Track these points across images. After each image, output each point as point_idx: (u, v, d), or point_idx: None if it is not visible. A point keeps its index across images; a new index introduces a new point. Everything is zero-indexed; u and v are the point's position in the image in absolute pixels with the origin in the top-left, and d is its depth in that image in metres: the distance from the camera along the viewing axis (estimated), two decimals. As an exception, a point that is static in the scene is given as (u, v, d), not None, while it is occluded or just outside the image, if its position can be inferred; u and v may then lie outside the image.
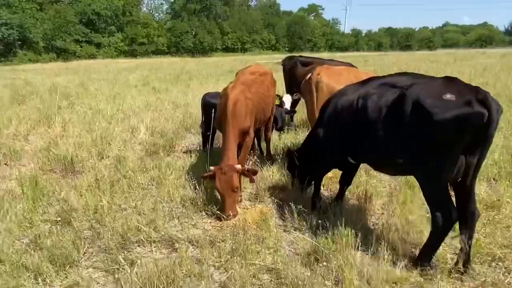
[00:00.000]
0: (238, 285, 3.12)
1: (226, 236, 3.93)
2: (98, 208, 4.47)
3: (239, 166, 4.54)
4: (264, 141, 6.57)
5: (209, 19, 64.42)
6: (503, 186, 4.77)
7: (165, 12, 70.95)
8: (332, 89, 4.96)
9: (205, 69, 27.10)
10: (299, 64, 8.25)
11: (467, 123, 2.70)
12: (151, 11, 69.28)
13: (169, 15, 68.77)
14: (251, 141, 5.25)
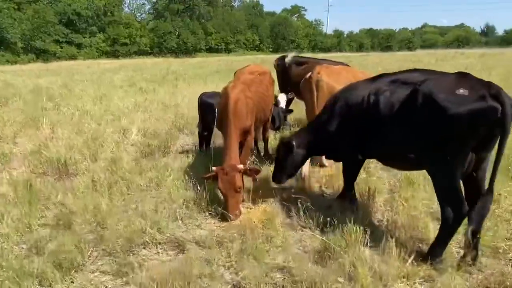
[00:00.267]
0: (253, 285, 3.10)
1: (233, 236, 3.90)
2: (99, 211, 4.36)
3: (241, 166, 4.51)
4: (262, 140, 6.56)
5: (192, 19, 63.96)
6: (501, 180, 4.88)
7: (147, 12, 70.11)
8: (332, 88, 5.00)
9: (191, 69, 26.88)
10: (293, 63, 8.28)
11: (481, 117, 2.75)
12: (133, 11, 68.25)
13: (152, 15, 67.92)
14: (252, 141, 5.24)
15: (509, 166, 5.13)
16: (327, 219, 3.96)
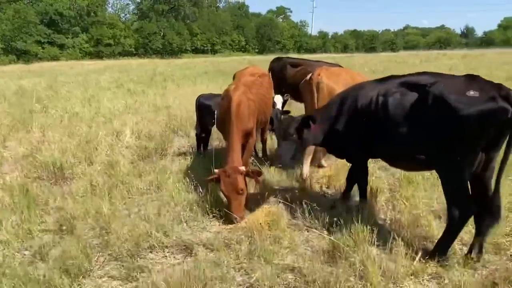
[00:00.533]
0: (266, 286, 3.11)
1: (240, 237, 3.90)
2: (101, 215, 4.29)
3: (243, 168, 4.51)
4: (260, 142, 6.57)
5: (177, 20, 63.51)
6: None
7: (132, 13, 69.23)
8: (332, 90, 5.05)
9: (178, 70, 26.71)
10: (288, 65, 8.34)
11: (491, 118, 2.84)
12: (117, 12, 67.29)
13: (136, 15, 67.10)
14: (253, 142, 5.25)
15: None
16: (333, 219, 4.01)
